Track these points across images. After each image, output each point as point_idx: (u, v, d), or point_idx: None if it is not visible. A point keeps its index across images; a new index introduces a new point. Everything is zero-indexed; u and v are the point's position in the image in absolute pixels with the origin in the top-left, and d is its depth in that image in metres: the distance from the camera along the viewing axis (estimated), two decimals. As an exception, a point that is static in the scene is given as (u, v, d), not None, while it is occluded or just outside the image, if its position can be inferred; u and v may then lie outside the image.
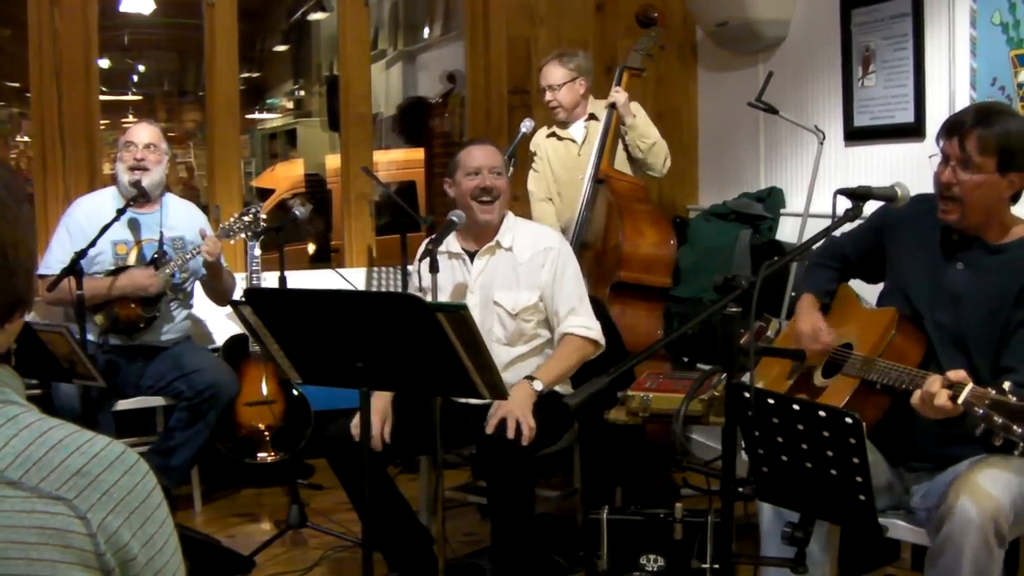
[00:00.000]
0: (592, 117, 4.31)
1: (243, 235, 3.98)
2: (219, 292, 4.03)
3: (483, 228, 3.25)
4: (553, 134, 4.40)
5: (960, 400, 2.10)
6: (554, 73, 4.28)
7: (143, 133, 3.96)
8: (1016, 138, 2.36)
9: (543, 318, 3.27)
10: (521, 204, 4.42)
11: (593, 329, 3.23)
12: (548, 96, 4.31)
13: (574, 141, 4.34)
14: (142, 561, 1.02)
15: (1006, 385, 2.05)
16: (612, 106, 4.21)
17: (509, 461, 2.93)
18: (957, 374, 2.17)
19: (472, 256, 3.28)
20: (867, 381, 2.44)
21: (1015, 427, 2.00)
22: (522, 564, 3.01)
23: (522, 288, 3.22)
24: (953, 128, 2.41)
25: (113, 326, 3.87)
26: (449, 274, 3.28)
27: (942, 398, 2.14)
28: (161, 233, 3.97)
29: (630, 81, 4.36)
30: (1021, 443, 1.99)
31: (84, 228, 3.78)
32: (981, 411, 2.05)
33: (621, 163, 4.31)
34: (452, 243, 3.29)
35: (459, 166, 3.25)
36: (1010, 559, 2.31)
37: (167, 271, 3.87)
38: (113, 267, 3.88)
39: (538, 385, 3.05)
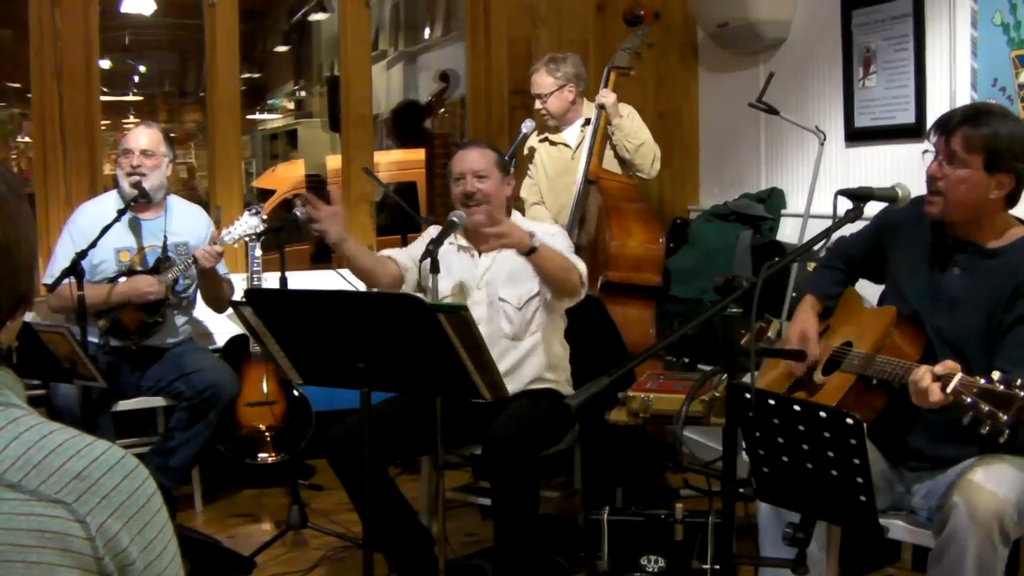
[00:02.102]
0: (588, 122, 4.30)
1: (246, 239, 3.96)
2: (216, 299, 4.00)
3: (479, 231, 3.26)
4: (546, 139, 4.39)
5: (949, 389, 2.11)
6: (542, 82, 4.27)
7: (140, 138, 3.91)
8: (1005, 140, 2.36)
9: (545, 299, 3.25)
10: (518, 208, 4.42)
11: (582, 270, 3.14)
12: (537, 104, 4.31)
13: (567, 146, 4.33)
14: (140, 566, 1.02)
15: (994, 374, 2.06)
16: (601, 107, 4.21)
17: (514, 462, 2.93)
18: (945, 366, 2.18)
19: (479, 251, 3.30)
20: (863, 377, 2.45)
21: (1001, 414, 2.00)
22: (525, 565, 3.01)
23: (525, 280, 3.23)
24: (942, 125, 2.44)
25: (115, 331, 3.86)
26: (458, 266, 3.30)
27: (936, 395, 2.16)
28: (165, 238, 3.95)
29: (618, 80, 4.35)
30: (1007, 430, 2.00)
31: (87, 235, 3.73)
32: (969, 399, 2.06)
33: (613, 164, 4.31)
34: (460, 237, 3.31)
35: (451, 172, 3.29)
36: (1011, 561, 2.30)
37: (170, 276, 3.85)
38: (115, 275, 3.86)
39: (536, 242, 2.96)
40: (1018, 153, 2.37)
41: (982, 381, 2.06)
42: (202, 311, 4.23)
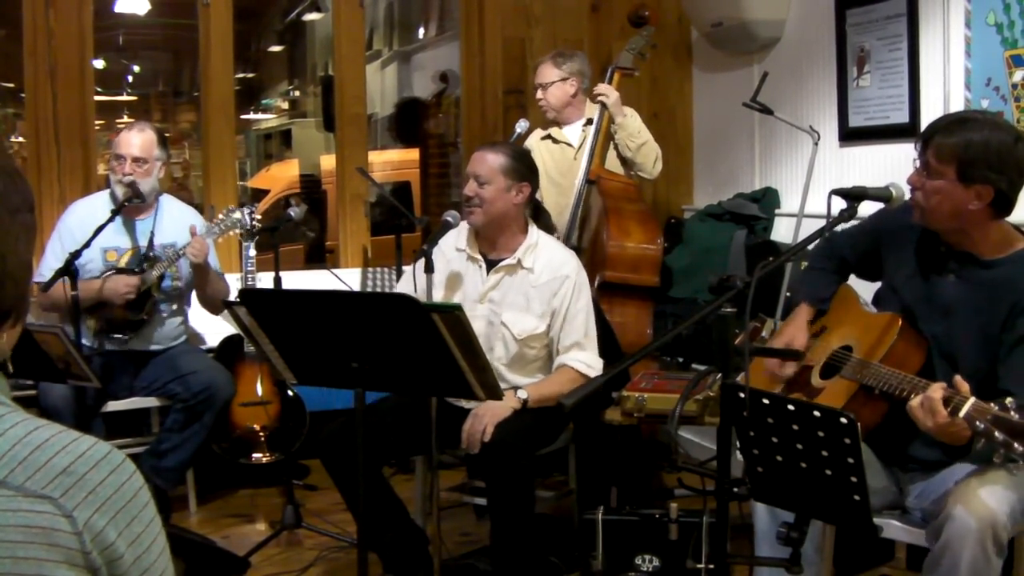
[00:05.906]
0: (590, 122, 4.29)
1: (233, 232, 3.93)
2: (210, 298, 3.95)
3: (486, 233, 3.24)
4: (548, 136, 4.38)
5: (962, 414, 2.10)
6: (545, 72, 4.27)
7: (134, 141, 3.85)
8: (977, 149, 2.31)
9: (546, 343, 3.25)
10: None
11: (594, 368, 3.19)
12: (538, 94, 4.31)
13: (570, 145, 4.32)
14: (129, 560, 1.02)
15: (1008, 401, 2.04)
16: (603, 104, 4.20)
17: (508, 462, 2.93)
18: (959, 387, 2.17)
19: (488, 263, 3.25)
20: (865, 386, 2.44)
21: (1016, 445, 1.99)
22: (522, 564, 3.01)
23: (532, 314, 3.18)
24: (923, 134, 2.42)
25: (106, 329, 3.84)
26: (465, 275, 3.26)
27: (941, 415, 2.15)
28: (151, 236, 3.92)
29: (622, 81, 4.35)
30: (1022, 461, 1.99)
31: (76, 235, 3.71)
32: (982, 426, 2.04)
33: (615, 164, 4.31)
34: (471, 245, 3.26)
35: None
36: (1006, 563, 2.30)
37: (154, 273, 3.81)
38: (101, 273, 3.83)
39: (523, 394, 3.06)
40: (993, 163, 2.31)
41: (996, 408, 2.04)
42: (195, 311, 4.22)
